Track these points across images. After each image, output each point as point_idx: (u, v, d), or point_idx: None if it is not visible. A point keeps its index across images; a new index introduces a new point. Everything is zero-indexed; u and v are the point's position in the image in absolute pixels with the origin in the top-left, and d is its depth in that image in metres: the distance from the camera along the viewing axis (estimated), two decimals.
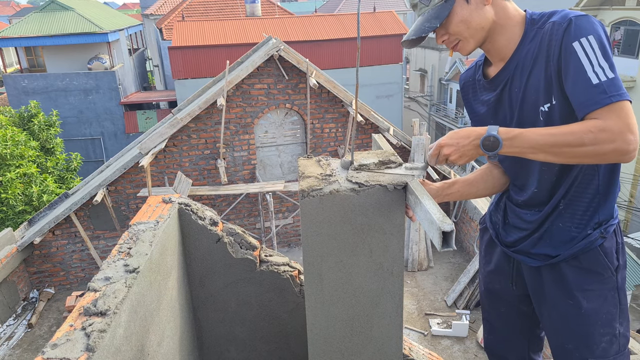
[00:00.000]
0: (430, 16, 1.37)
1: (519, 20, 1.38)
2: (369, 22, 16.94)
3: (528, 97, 1.37)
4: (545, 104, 1.34)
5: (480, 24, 1.36)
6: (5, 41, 18.09)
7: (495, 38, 1.40)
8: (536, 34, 1.34)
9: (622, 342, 1.50)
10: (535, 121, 1.37)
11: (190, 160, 8.38)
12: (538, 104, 1.35)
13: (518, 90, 1.40)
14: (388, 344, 1.53)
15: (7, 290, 7.27)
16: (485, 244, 1.78)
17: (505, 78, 1.43)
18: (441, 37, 1.41)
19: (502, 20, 1.37)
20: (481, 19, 1.35)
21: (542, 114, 1.35)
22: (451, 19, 1.35)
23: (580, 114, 1.24)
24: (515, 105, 1.42)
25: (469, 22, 1.35)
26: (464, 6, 1.34)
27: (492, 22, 1.37)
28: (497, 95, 1.47)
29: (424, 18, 1.39)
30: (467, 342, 6.19)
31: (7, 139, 10.11)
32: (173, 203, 1.72)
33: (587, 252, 1.45)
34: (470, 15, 1.34)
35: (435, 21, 1.36)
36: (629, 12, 14.81)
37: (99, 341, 1.10)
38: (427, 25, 1.37)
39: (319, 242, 1.38)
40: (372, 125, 8.75)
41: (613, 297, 1.47)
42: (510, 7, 1.39)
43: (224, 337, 1.93)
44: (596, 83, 1.20)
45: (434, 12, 1.37)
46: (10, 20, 45.70)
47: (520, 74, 1.38)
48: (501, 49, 1.41)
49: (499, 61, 1.45)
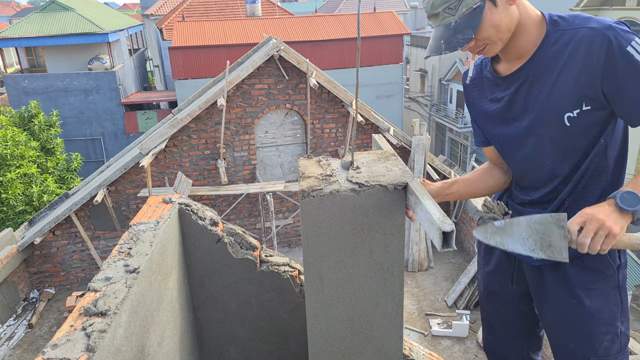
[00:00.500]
0: (461, 26, 1.29)
1: (537, 20, 1.36)
2: (369, 22, 16.94)
3: (552, 101, 1.35)
4: (574, 110, 1.31)
5: (509, 25, 1.33)
6: (5, 41, 18.10)
7: (517, 38, 1.36)
8: (561, 37, 1.31)
9: (623, 341, 1.51)
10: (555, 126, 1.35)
11: (191, 160, 8.39)
12: (564, 109, 1.33)
13: (539, 92, 1.37)
14: (388, 344, 1.53)
15: (7, 291, 7.27)
16: (485, 244, 1.78)
17: (522, 77, 1.40)
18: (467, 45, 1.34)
19: (524, 19, 1.35)
20: (509, 21, 1.32)
21: (568, 119, 1.33)
22: (482, 25, 1.29)
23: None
24: (532, 107, 1.40)
25: (499, 25, 1.31)
26: (492, 10, 1.29)
27: (517, 22, 1.34)
28: (512, 93, 1.44)
29: (453, 29, 1.30)
30: (468, 343, 6.19)
31: (8, 139, 10.11)
32: (173, 203, 1.72)
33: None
34: (499, 18, 1.30)
35: (469, 31, 1.28)
36: (629, 12, 14.80)
37: (99, 341, 1.10)
38: (460, 38, 1.29)
39: (319, 242, 1.38)
40: (372, 126, 8.75)
41: (615, 295, 1.47)
42: (529, 6, 1.37)
43: (224, 337, 1.93)
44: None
45: (464, 22, 1.29)
46: (10, 20, 45.73)
47: (543, 76, 1.35)
48: (521, 48, 1.38)
49: (514, 59, 1.41)
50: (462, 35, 1.29)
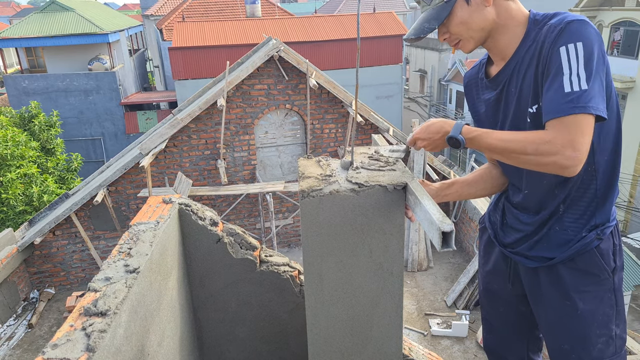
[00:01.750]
0: (431, 16, 1.38)
1: (522, 20, 1.37)
2: (369, 23, 16.95)
3: (522, 97, 1.38)
4: (534, 105, 1.34)
5: (480, 25, 1.36)
6: (5, 42, 18.10)
7: (497, 37, 1.39)
8: (536, 34, 1.33)
9: (618, 343, 1.50)
10: (524, 122, 1.38)
11: (191, 160, 8.39)
12: (527, 105, 1.36)
13: (514, 90, 1.40)
14: (388, 344, 1.53)
15: (7, 291, 7.27)
16: (484, 244, 1.78)
17: (504, 78, 1.43)
18: (442, 35, 1.42)
19: (504, 20, 1.37)
20: (481, 21, 1.35)
21: (529, 115, 1.36)
22: (451, 19, 1.36)
23: (544, 119, 1.24)
24: (510, 106, 1.43)
25: (468, 23, 1.35)
26: (464, 7, 1.34)
27: (493, 22, 1.36)
28: (497, 94, 1.47)
29: (424, 17, 1.40)
30: (467, 342, 6.19)
31: (8, 140, 10.11)
32: (173, 203, 1.72)
33: (583, 254, 1.44)
34: (470, 16, 1.35)
35: (434, 22, 1.36)
36: (629, 13, 14.80)
37: (99, 341, 1.10)
38: (426, 26, 1.38)
39: (319, 242, 1.38)
40: (372, 126, 8.75)
41: (609, 298, 1.46)
42: (514, 7, 1.38)
43: (224, 337, 1.93)
44: (568, 91, 1.19)
45: (435, 13, 1.37)
46: (10, 20, 45.73)
47: (518, 74, 1.38)
48: (503, 48, 1.41)
49: (501, 60, 1.44)
50: (429, 24, 1.38)
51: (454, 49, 1.46)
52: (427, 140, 1.41)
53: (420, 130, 1.43)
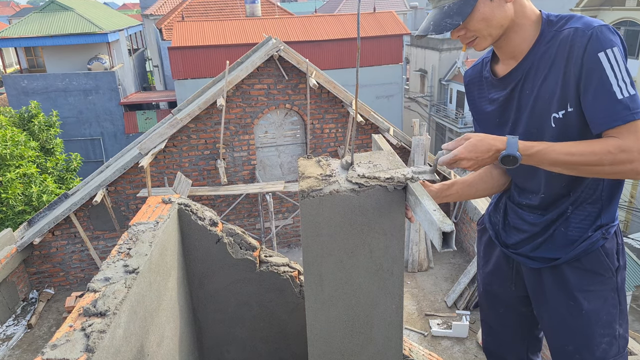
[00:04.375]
0: (452, 12, 1.30)
1: (535, 20, 1.35)
2: (369, 23, 16.95)
3: (540, 101, 1.34)
4: (560, 111, 1.31)
5: (500, 22, 1.32)
6: (5, 41, 18.09)
7: (510, 36, 1.36)
8: (554, 37, 1.31)
9: (621, 343, 1.50)
10: (545, 127, 1.34)
11: (190, 160, 8.38)
12: (551, 110, 1.32)
13: (530, 92, 1.37)
14: (388, 345, 1.53)
15: (6, 291, 7.26)
16: (484, 245, 1.78)
17: (517, 78, 1.40)
18: (457, 32, 1.35)
19: (520, 18, 1.34)
20: (502, 17, 1.31)
21: (554, 120, 1.32)
22: (472, 15, 1.30)
23: (599, 129, 1.22)
24: (524, 108, 1.39)
25: (490, 20, 1.31)
26: (486, 3, 1.29)
27: (510, 20, 1.33)
28: (507, 94, 1.43)
29: (444, 12, 1.32)
30: (467, 343, 6.19)
31: (7, 139, 10.11)
32: (173, 203, 1.71)
33: (589, 254, 1.44)
34: (492, 12, 1.30)
35: (457, 18, 1.29)
36: (629, 13, 14.81)
37: (98, 342, 1.10)
38: (448, 22, 1.30)
39: (318, 242, 1.38)
40: (372, 126, 8.75)
41: (613, 298, 1.46)
42: (528, 5, 1.36)
43: (224, 337, 1.92)
44: (620, 98, 1.19)
45: (456, 8, 1.30)
46: (10, 20, 45.74)
47: (534, 76, 1.35)
48: (514, 47, 1.38)
49: (510, 59, 1.41)
50: (451, 20, 1.30)
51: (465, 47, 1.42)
52: (474, 160, 1.27)
53: (465, 150, 1.27)
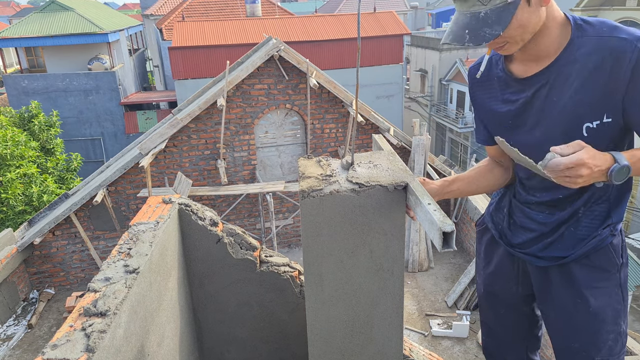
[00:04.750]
0: (490, 20, 1.22)
1: (560, 22, 1.31)
2: (369, 23, 16.95)
3: (570, 108, 1.30)
4: (594, 121, 1.28)
5: (535, 27, 1.26)
6: (5, 41, 18.10)
7: (538, 39, 1.30)
8: (587, 43, 1.26)
9: (624, 340, 1.52)
10: (574, 135, 1.29)
11: (190, 160, 8.38)
12: (584, 119, 1.29)
13: (558, 99, 1.32)
14: (388, 345, 1.53)
15: (7, 291, 7.27)
16: (485, 245, 1.77)
17: (541, 81, 1.34)
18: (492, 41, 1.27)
19: (549, 21, 1.29)
20: (537, 22, 1.25)
21: (587, 129, 1.30)
22: (511, 22, 1.22)
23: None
24: (549, 114, 1.35)
25: (526, 26, 1.24)
26: (525, 9, 1.21)
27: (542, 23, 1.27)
28: (528, 97, 1.37)
29: (481, 20, 1.23)
30: (468, 343, 6.19)
31: (8, 139, 10.11)
32: (173, 203, 1.71)
33: (598, 250, 1.45)
34: (529, 18, 1.23)
35: (497, 27, 1.21)
36: (629, 12, 14.81)
37: (98, 342, 1.10)
38: (487, 32, 1.22)
39: (319, 242, 1.38)
40: (372, 126, 8.74)
41: (617, 294, 1.48)
42: (555, 7, 1.31)
43: (224, 337, 1.92)
44: None
45: (496, 15, 1.21)
46: (10, 20, 45.77)
47: (564, 82, 1.30)
48: (541, 50, 1.32)
49: (531, 61, 1.35)
50: (491, 29, 1.21)
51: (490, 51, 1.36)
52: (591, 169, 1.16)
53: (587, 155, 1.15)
